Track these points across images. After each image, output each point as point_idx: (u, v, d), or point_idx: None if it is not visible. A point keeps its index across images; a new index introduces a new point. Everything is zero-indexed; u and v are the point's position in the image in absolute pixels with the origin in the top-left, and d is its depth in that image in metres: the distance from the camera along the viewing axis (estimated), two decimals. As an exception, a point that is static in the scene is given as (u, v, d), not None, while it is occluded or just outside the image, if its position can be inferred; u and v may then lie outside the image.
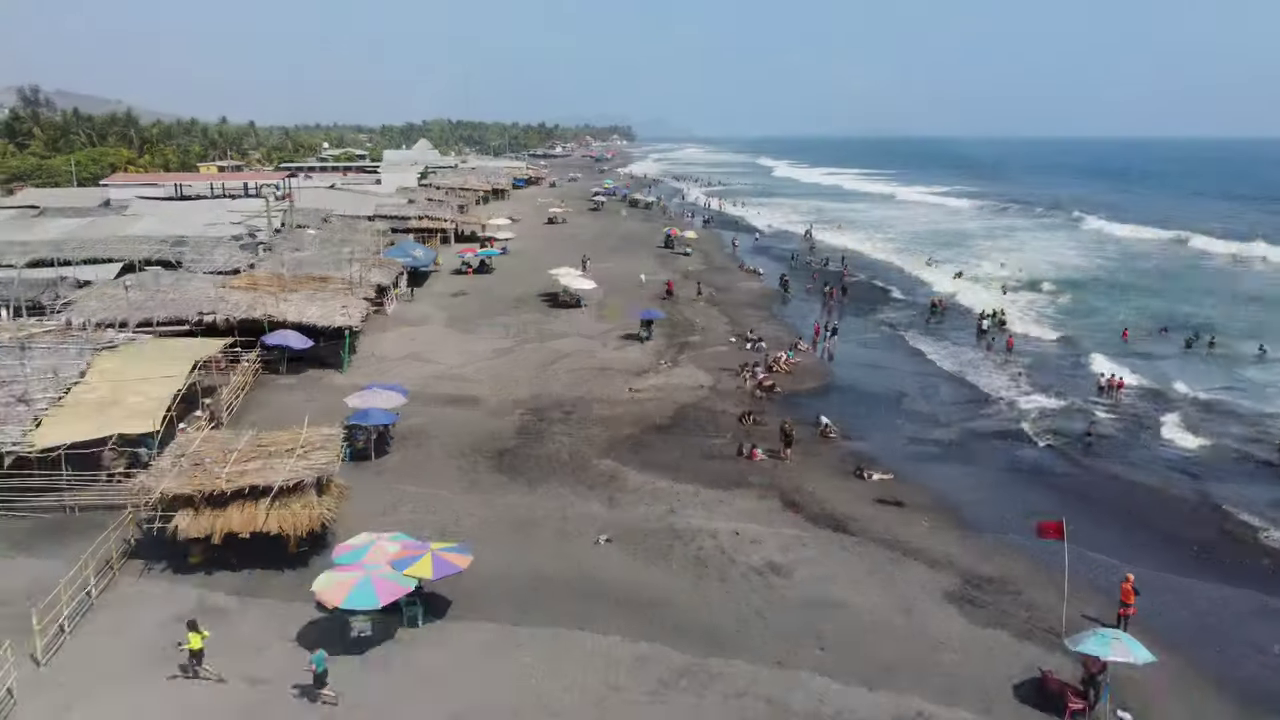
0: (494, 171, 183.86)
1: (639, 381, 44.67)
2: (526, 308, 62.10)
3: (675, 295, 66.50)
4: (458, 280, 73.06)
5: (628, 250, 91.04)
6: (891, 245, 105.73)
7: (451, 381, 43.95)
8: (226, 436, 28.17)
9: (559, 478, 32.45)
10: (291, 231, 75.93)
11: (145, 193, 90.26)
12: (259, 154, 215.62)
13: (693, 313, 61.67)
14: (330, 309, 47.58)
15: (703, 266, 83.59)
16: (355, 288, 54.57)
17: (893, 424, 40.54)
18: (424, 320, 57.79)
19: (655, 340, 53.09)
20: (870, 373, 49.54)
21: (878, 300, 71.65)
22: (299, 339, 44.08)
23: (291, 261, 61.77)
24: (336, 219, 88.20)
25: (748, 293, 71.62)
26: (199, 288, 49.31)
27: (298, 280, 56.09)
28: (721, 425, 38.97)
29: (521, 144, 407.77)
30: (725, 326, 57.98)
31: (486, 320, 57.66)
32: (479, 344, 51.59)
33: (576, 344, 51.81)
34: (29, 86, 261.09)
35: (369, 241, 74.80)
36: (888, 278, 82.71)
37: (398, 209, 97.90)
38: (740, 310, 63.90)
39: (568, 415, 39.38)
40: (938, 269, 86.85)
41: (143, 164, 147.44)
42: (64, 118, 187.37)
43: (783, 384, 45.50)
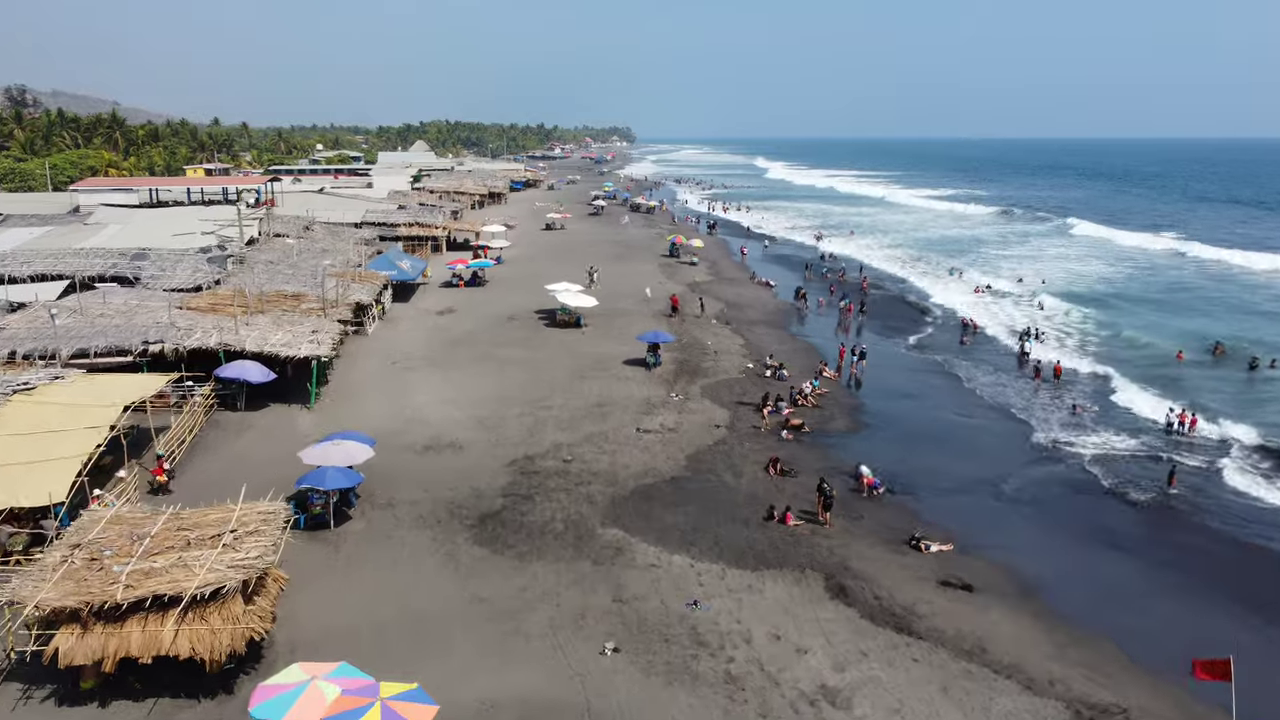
0: (491, 174, 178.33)
1: (647, 419, 39.10)
2: (520, 327, 56.54)
3: (682, 311, 60.99)
4: (447, 295, 67.51)
5: (630, 259, 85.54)
6: (905, 253, 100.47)
7: (431, 422, 38.35)
8: (137, 517, 22.55)
9: (554, 552, 26.85)
10: (268, 241, 70.45)
11: (116, 199, 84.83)
12: (250, 156, 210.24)
13: (702, 332, 56.12)
14: (298, 335, 42.00)
15: (710, 277, 78.10)
16: (331, 307, 49.07)
17: (942, 472, 34.96)
18: (407, 343, 52.21)
19: (664, 366, 47.56)
20: (907, 406, 43.99)
21: (901, 316, 66.16)
22: (259, 371, 38.52)
23: (262, 277, 56.29)
24: (320, 226, 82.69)
25: (761, 308, 66.10)
26: (150, 310, 43.75)
27: (267, 299, 50.61)
28: (745, 477, 33.42)
29: (520, 146, 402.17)
30: (740, 349, 52.42)
31: (475, 344, 52.07)
32: (465, 374, 46.01)
33: (575, 372, 46.25)
34: (15, 86, 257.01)
35: (352, 252, 69.28)
36: (907, 290, 77.34)
37: (386, 215, 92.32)
38: (754, 329, 58.36)
39: (565, 465, 33.78)
40: (958, 280, 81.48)
41: (127, 167, 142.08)
42: (48, 119, 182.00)
43: (810, 420, 40.00)
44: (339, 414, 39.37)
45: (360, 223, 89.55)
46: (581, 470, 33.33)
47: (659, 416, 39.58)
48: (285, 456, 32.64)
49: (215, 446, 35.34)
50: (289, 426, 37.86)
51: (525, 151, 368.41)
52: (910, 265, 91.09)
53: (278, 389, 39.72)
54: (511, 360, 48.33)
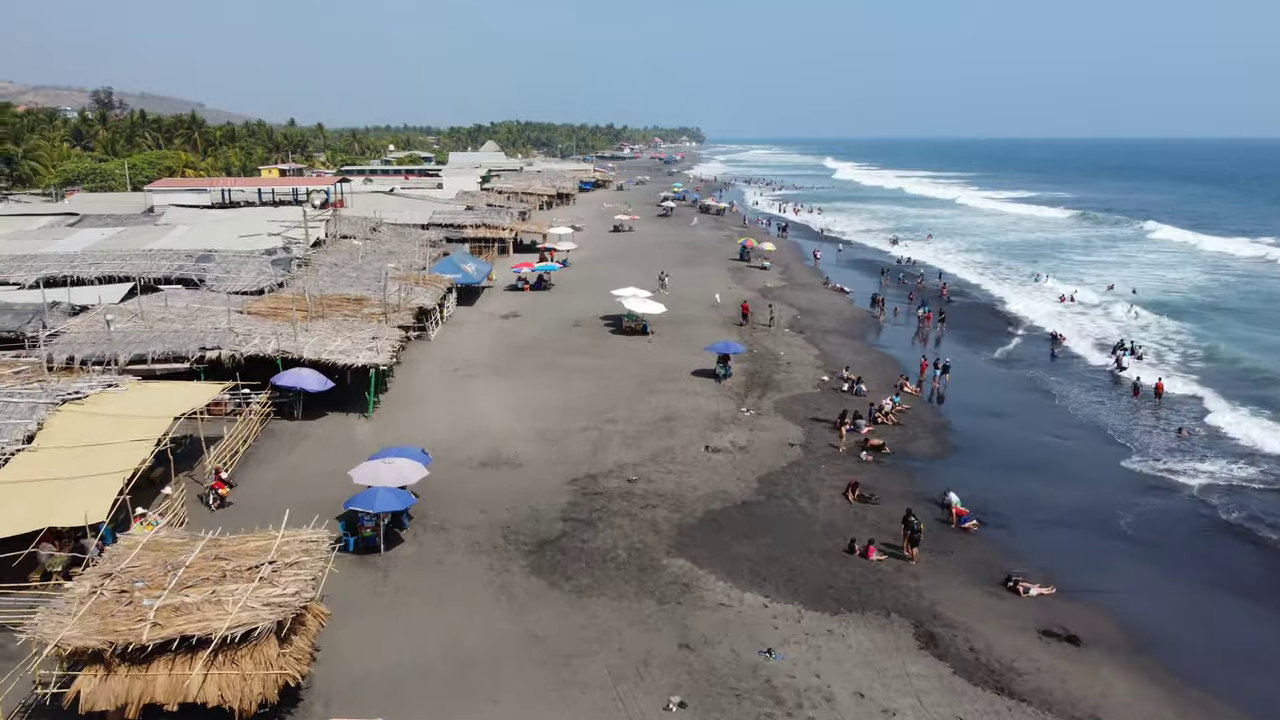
0: (559, 175, 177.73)
1: (716, 437, 36.93)
2: (585, 334, 54.81)
3: (752, 319, 58.60)
4: (512, 299, 66.20)
5: (699, 263, 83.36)
6: (983, 258, 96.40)
7: (491, 434, 36.75)
8: (174, 543, 21.20)
9: (615, 586, 24.88)
10: (335, 243, 70.00)
11: (188, 199, 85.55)
12: (324, 157, 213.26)
13: (774, 342, 53.70)
14: (358, 342, 40.80)
15: (783, 282, 75.51)
16: (393, 312, 47.93)
17: (1038, 502, 32.11)
18: (469, 349, 50.87)
19: (734, 378, 45.33)
20: (995, 425, 41.04)
21: (984, 326, 62.76)
22: (317, 380, 37.37)
23: (326, 279, 55.56)
24: (387, 228, 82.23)
25: (835, 315, 63.36)
26: (211, 314, 43.04)
27: (329, 302, 49.73)
28: (822, 502, 31.05)
29: (590, 146, 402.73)
30: (814, 360, 49.90)
31: (539, 351, 50.46)
32: (528, 383, 44.39)
33: (642, 383, 44.29)
34: (103, 89, 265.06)
35: (417, 254, 68.43)
36: (988, 297, 73.66)
37: (454, 216, 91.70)
38: (829, 339, 55.72)
39: (629, 486, 31.83)
40: (1041, 287, 77.49)
41: (204, 167, 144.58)
42: (131, 120, 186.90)
43: (892, 440, 37.39)
44: (397, 423, 38.08)
45: (427, 224, 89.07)
46: (646, 492, 31.33)
47: (729, 433, 37.38)
48: (340, 469, 31.32)
49: (269, 458, 34.23)
50: (346, 436, 36.65)
51: (595, 152, 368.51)
52: (990, 271, 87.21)
53: (336, 397, 38.58)
54: (576, 369, 46.58)
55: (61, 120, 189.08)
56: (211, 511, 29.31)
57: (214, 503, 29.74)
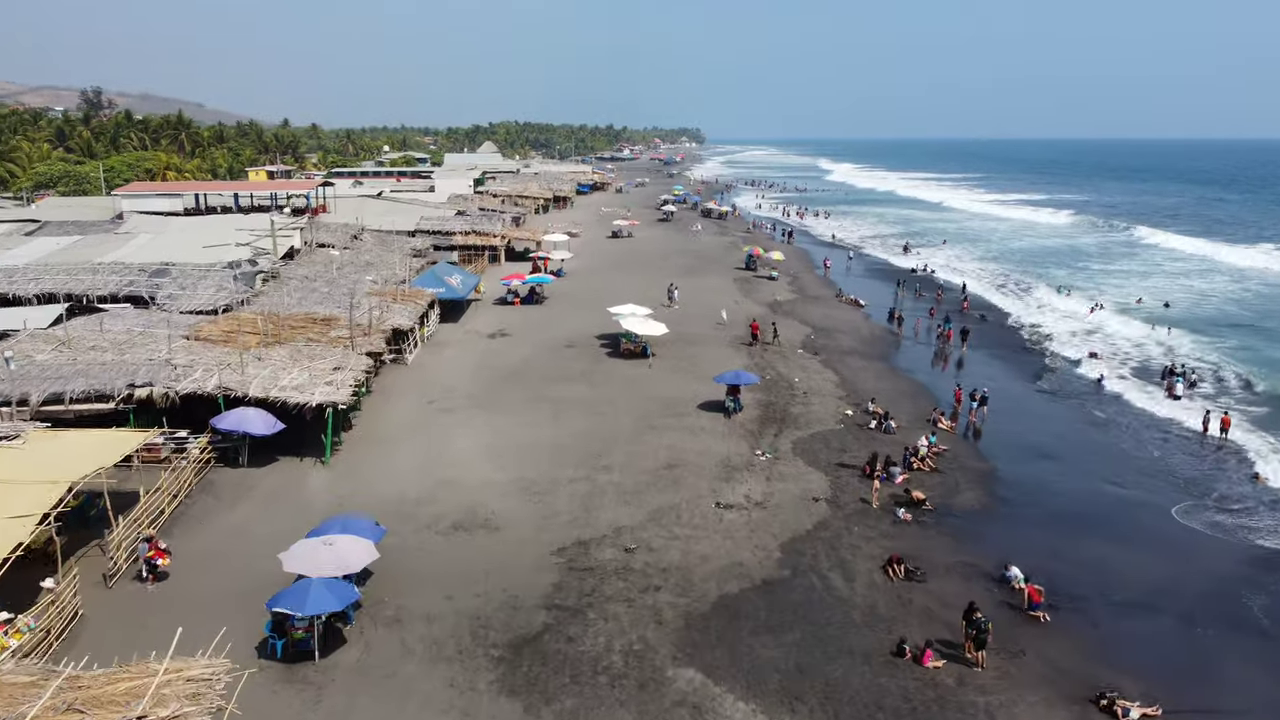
0: (557, 177, 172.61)
1: (728, 489, 31.74)
2: (579, 356, 49.60)
3: (762, 338, 53.40)
4: (501, 314, 61.01)
5: (703, 272, 78.16)
6: (999, 267, 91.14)
7: (466, 487, 31.56)
8: (20, 682, 15.94)
9: (608, 711, 19.67)
10: (310, 253, 64.84)
11: (159, 205, 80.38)
12: (316, 158, 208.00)
13: (788, 365, 48.50)
14: (317, 374, 35.59)
15: (793, 295, 70.34)
16: (363, 335, 42.78)
17: (1113, 575, 26.90)
18: (450, 375, 45.70)
19: (745, 411, 40.17)
20: (1046, 470, 35.80)
21: (1011, 344, 57.51)
22: (264, 422, 32.18)
23: (294, 296, 50.41)
24: (370, 235, 77.11)
25: (853, 333, 58.14)
26: (153, 341, 37.86)
27: (292, 323, 44.61)
28: (859, 580, 25.86)
29: (589, 147, 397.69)
30: (834, 388, 44.69)
31: (526, 378, 45.24)
32: (513, 418, 39.18)
33: (642, 418, 39.09)
34: (92, 88, 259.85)
35: (399, 265, 63.27)
36: (1013, 311, 68.27)
37: (442, 222, 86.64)
38: (848, 361, 50.51)
39: (627, 557, 26.64)
40: (1067, 299, 72.30)
41: (190, 169, 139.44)
42: (116, 120, 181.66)
43: (930, 491, 32.22)
44: (359, 471, 32.94)
45: (414, 230, 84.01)
46: (647, 566, 26.11)
47: (743, 484, 32.18)
48: (289, 531, 26.39)
49: (204, 517, 29.06)
50: (298, 488, 31.49)
51: (594, 153, 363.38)
52: (1009, 281, 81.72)
53: (291, 438, 33.40)
54: (567, 401, 41.37)
55: (46, 121, 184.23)
56: (148, 588, 24.40)
57: (149, 576, 24.71)
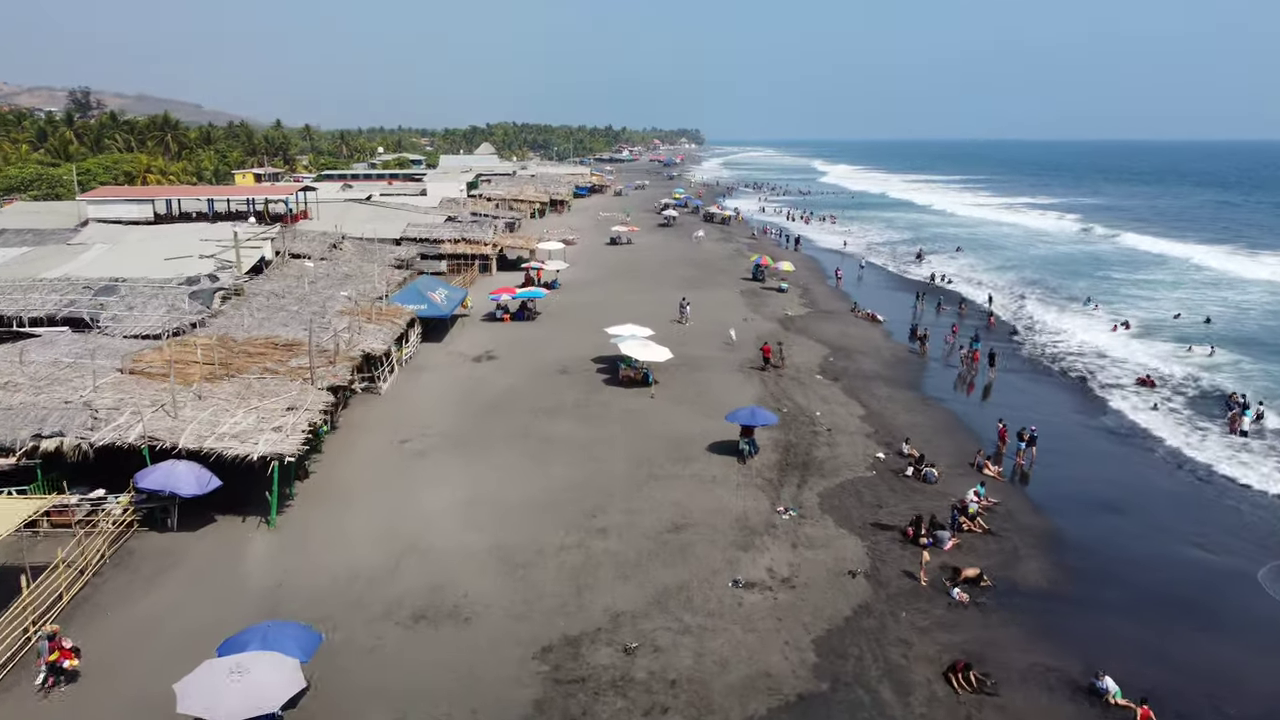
0: (554, 179, 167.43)
1: (747, 561, 26.65)
2: (573, 383, 44.51)
3: (783, 361, 48.34)
4: (488, 332, 55.93)
5: (707, 284, 73.12)
6: (1016, 276, 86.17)
7: (435, 557, 26.50)
8: None
9: None
10: (283, 265, 59.75)
11: (127, 211, 75.28)
12: (307, 160, 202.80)
13: (806, 394, 43.42)
14: (266, 416, 30.55)
15: (805, 309, 65.29)
16: (329, 362, 37.75)
17: (1229, 681, 21.78)
18: (427, 407, 40.62)
19: (762, 452, 35.11)
20: (1117, 528, 30.65)
21: (1046, 367, 52.36)
22: (195, 479, 27.07)
23: (257, 316, 45.35)
24: (351, 243, 72.03)
25: (874, 354, 53.05)
26: (78, 375, 32.78)
27: (250, 349, 39.60)
28: (915, 693, 20.76)
29: (587, 148, 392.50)
30: (860, 423, 39.58)
31: (513, 412, 40.13)
32: (496, 462, 34.09)
33: (643, 464, 34.00)
34: (80, 88, 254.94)
35: (378, 279, 58.24)
36: (1042, 328, 63.04)
37: (430, 229, 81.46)
38: (872, 388, 45.44)
39: (627, 662, 21.54)
40: (1094, 312, 67.30)
41: (174, 171, 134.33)
42: (101, 121, 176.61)
43: (987, 561, 27.14)
44: (311, 534, 27.88)
45: (400, 238, 78.89)
46: (651, 676, 21.00)
47: (764, 553, 27.09)
48: (211, 626, 21.42)
49: (116, 603, 23.95)
50: (233, 560, 26.39)
51: (592, 154, 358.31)
52: (1032, 293, 76.43)
53: (233, 491, 28.39)
54: (558, 441, 36.25)
55: (30, 121, 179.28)
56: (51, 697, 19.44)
57: (49, 683, 19.75)
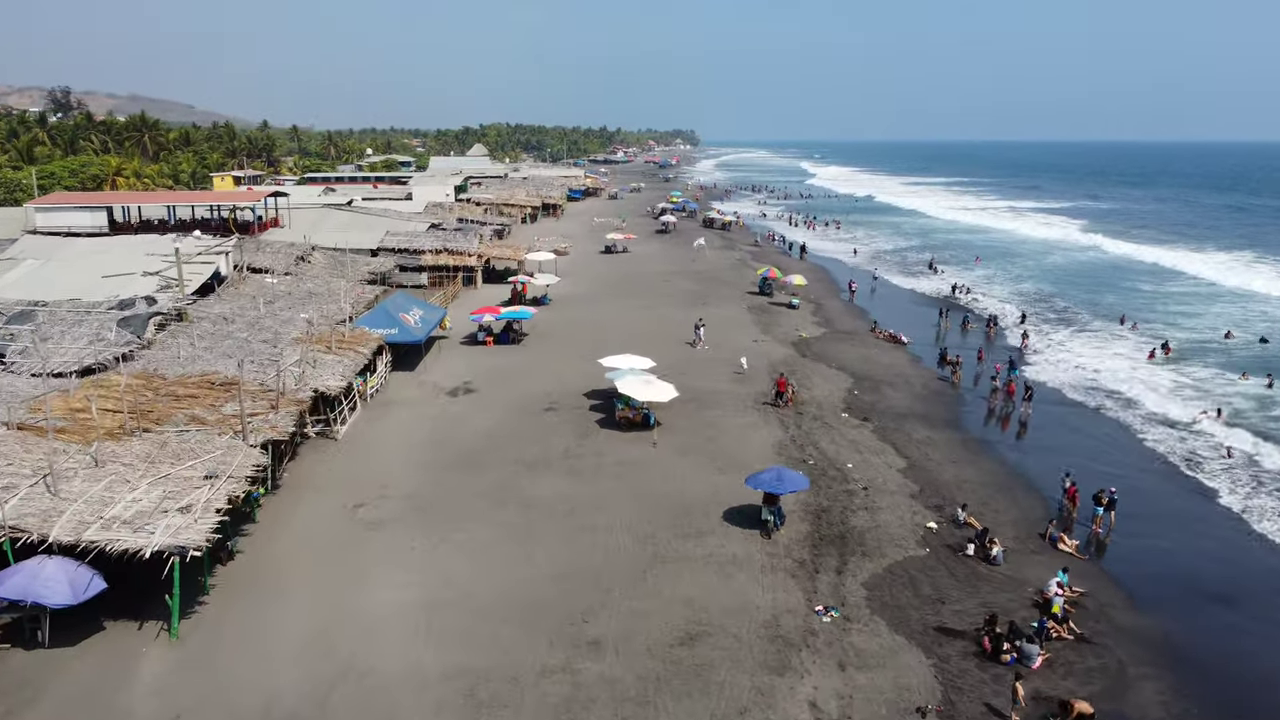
0: (546, 182, 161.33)
1: (784, 690, 20.52)
2: (562, 424, 38.33)
3: (794, 396, 42.25)
4: (468, 358, 49.78)
5: (712, 298, 67.05)
6: (1034, 287, 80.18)
7: (379, 684, 20.34)
8: None
9: None
10: (240, 282, 53.55)
11: (78, 219, 68.93)
12: (291, 161, 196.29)
13: (834, 440, 37.27)
14: (177, 488, 24.40)
15: (820, 328, 59.20)
16: (270, 407, 31.64)
17: None
18: (388, 458, 34.45)
19: (789, 521, 29.04)
20: (1237, 626, 24.52)
21: (1093, 400, 46.14)
22: (69, 583, 20.94)
23: (197, 347, 39.14)
24: (322, 255, 65.87)
25: (902, 383, 46.99)
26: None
27: (182, 389, 33.45)
28: None
29: (582, 149, 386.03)
30: (901, 478, 33.44)
31: (490, 465, 33.94)
32: (464, 540, 27.96)
33: (646, 541, 27.89)
34: (59, 88, 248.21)
35: (347, 296, 52.11)
36: (1079, 351, 56.83)
37: (410, 239, 75.30)
38: (907, 428, 39.34)
39: None
40: (1130, 332, 61.27)
41: (150, 174, 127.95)
42: (75, 122, 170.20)
43: (1089, 679, 21.10)
44: (221, 649, 21.75)
45: (377, 249, 72.76)
46: None
47: (804, 678, 20.97)
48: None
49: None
50: (118, 687, 20.24)
51: (587, 155, 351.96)
52: (1059, 309, 70.25)
53: (131, 588, 22.31)
54: (542, 507, 30.07)
55: (3, 122, 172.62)
56: None
57: None
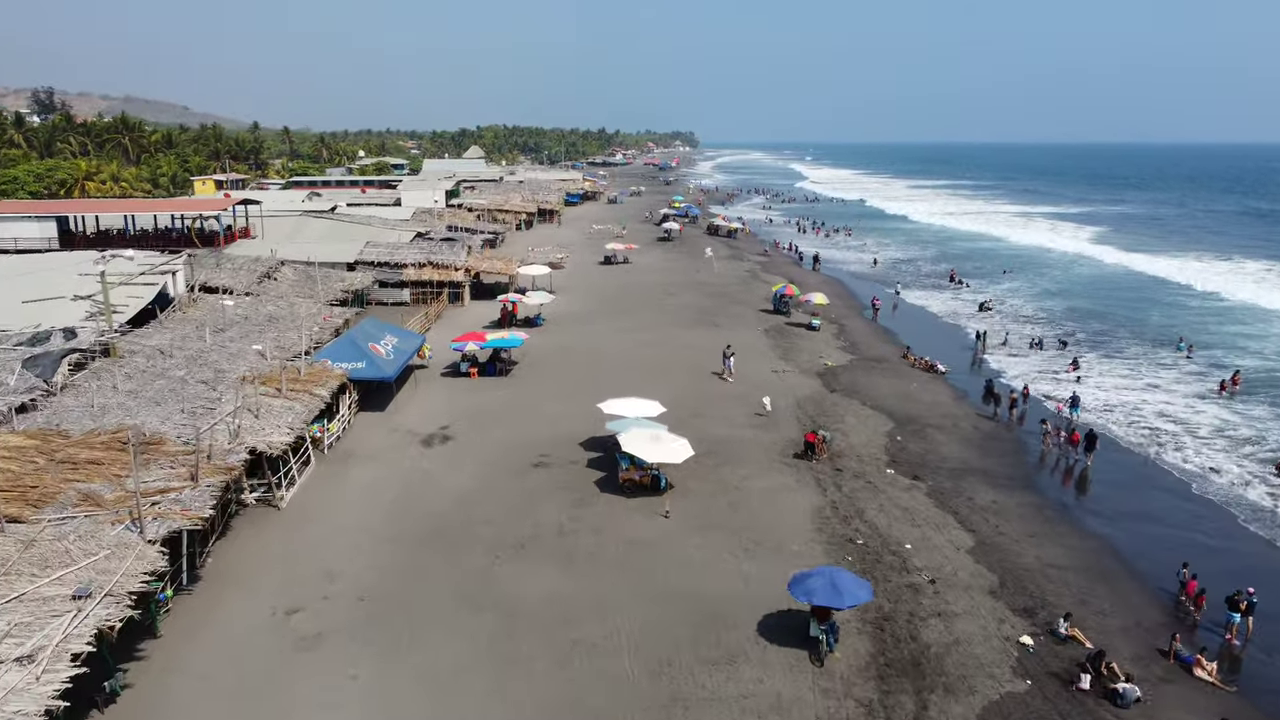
0: (543, 185, 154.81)
1: None
2: (554, 486, 31.74)
3: (826, 448, 35.77)
4: (448, 394, 43.26)
5: (723, 317, 60.61)
6: (1064, 305, 73.02)
7: None
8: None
9: None
10: (189, 306, 47.11)
11: (25, 231, 62.55)
12: (279, 164, 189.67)
13: (883, 509, 30.62)
14: (23, 625, 17.96)
15: (847, 354, 52.70)
16: (188, 474, 25.18)
17: None
18: (341, 538, 27.92)
19: (845, 637, 22.54)
20: None
21: (1166, 452, 39.84)
22: None
23: (119, 392, 32.66)
24: (292, 270, 59.47)
25: (949, 425, 40.48)
26: None
27: (86, 451, 26.96)
28: None
29: (580, 151, 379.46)
30: (974, 566, 26.82)
31: (464, 546, 27.35)
32: (422, 674, 21.44)
33: (660, 670, 21.39)
34: (43, 88, 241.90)
35: (310, 321, 45.70)
36: (1138, 388, 50.60)
37: (392, 251, 68.78)
38: (965, 488, 32.80)
39: None
40: (1188, 359, 54.74)
41: (128, 178, 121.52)
42: (54, 123, 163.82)
43: None
44: None
45: (354, 262, 66.39)
46: None
47: None
48: None
49: None
50: None
51: (585, 158, 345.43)
52: (1099, 330, 63.28)
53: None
54: (527, 614, 23.46)
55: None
56: None
57: None
